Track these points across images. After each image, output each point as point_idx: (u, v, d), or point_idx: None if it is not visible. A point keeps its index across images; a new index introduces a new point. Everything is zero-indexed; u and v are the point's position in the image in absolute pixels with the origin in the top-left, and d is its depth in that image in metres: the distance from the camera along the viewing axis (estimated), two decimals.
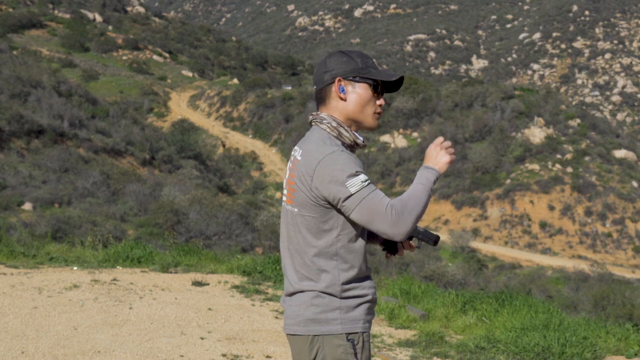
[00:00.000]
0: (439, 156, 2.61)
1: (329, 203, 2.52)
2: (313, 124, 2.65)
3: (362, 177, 2.47)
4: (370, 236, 2.74)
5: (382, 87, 2.67)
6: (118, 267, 9.78)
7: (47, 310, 6.99)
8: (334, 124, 2.60)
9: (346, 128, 2.61)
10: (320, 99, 2.67)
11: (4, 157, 34.42)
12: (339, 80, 2.62)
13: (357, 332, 2.56)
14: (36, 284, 8.17)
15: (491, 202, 53.52)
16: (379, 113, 2.67)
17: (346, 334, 2.55)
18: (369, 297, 2.61)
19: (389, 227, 2.45)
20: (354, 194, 2.46)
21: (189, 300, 7.83)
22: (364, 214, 2.47)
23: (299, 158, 2.59)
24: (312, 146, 2.56)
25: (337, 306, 2.56)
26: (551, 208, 52.56)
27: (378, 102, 2.65)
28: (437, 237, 2.72)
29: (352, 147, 2.64)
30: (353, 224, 2.56)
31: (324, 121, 2.61)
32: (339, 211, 2.53)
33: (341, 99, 2.62)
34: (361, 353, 2.57)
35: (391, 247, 2.72)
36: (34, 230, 20.40)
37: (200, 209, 30.10)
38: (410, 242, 2.70)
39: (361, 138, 2.65)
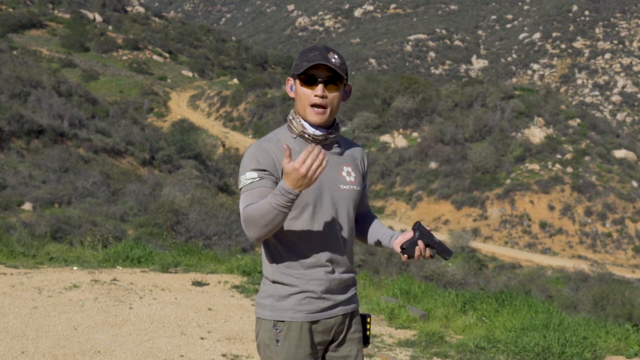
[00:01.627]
0: (301, 177, 2.46)
1: None
2: None
3: (249, 175, 2.62)
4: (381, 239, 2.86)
5: (320, 78, 2.65)
6: (118, 267, 9.78)
7: (47, 310, 6.99)
8: (290, 117, 2.74)
9: (297, 119, 2.71)
10: None
11: (4, 157, 34.42)
12: (288, 80, 2.76)
13: (284, 321, 2.66)
14: (36, 284, 8.18)
15: (491, 202, 53.50)
16: (315, 105, 2.66)
17: (274, 320, 2.68)
18: (298, 289, 2.66)
19: (243, 227, 2.60)
20: (240, 189, 2.68)
21: (189, 300, 7.83)
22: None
23: None
24: None
25: (270, 293, 2.70)
26: (551, 208, 52.55)
27: (314, 93, 2.66)
28: (452, 253, 2.79)
29: (305, 137, 2.70)
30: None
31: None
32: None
33: (290, 97, 2.76)
34: (284, 341, 2.66)
35: (410, 250, 2.75)
36: (33, 230, 20.39)
37: (200, 209, 30.09)
38: (427, 249, 2.74)
39: (313, 130, 2.69)
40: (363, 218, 2.96)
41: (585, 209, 52.65)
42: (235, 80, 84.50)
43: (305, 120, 2.69)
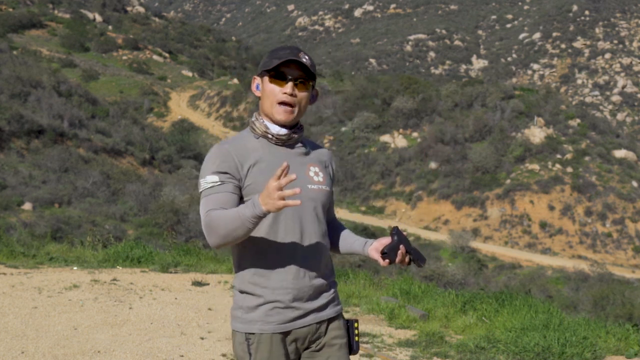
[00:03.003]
0: (270, 196, 2.35)
1: None
2: None
3: (210, 178, 2.53)
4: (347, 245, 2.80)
5: (291, 75, 2.60)
6: (118, 267, 9.78)
7: (47, 310, 6.99)
8: (253, 119, 2.68)
9: (260, 120, 2.66)
10: None
11: (4, 157, 34.42)
12: (254, 79, 2.70)
13: (253, 333, 2.59)
14: (36, 284, 8.18)
15: (491, 202, 53.50)
16: (283, 102, 2.60)
17: (245, 333, 2.60)
18: (264, 299, 2.57)
19: (204, 232, 2.50)
20: (200, 192, 2.57)
21: (189, 300, 7.83)
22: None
23: None
24: None
25: (240, 305, 2.62)
26: (551, 208, 52.55)
27: (283, 91, 2.61)
28: (425, 260, 2.75)
29: (268, 138, 2.65)
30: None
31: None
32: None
33: (257, 96, 2.70)
34: (255, 354, 2.59)
35: (391, 255, 2.68)
36: (33, 230, 20.40)
37: None
38: (406, 256, 2.69)
39: (277, 130, 2.63)
40: (331, 225, 2.85)
41: (585, 209, 52.65)
42: (235, 80, 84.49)
43: (272, 119, 2.63)
